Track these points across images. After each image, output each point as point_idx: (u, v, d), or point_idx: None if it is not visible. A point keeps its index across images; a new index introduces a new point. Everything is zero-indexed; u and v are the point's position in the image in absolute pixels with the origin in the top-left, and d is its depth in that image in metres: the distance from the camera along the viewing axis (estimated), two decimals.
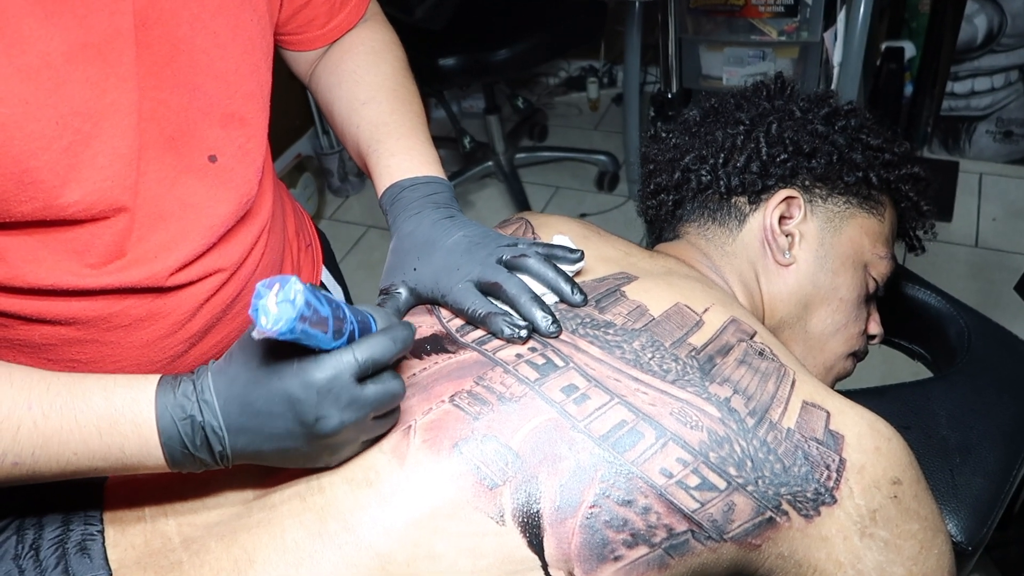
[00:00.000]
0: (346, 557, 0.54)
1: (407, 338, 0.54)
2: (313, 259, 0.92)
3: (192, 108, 0.64)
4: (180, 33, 0.62)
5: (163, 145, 0.63)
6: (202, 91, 0.65)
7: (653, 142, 0.86)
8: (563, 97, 3.01)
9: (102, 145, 0.58)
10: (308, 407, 0.50)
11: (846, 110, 0.81)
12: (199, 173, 0.66)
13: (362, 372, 0.51)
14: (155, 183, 0.63)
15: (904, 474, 0.58)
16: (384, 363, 0.53)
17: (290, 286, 0.45)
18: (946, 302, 0.96)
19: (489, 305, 0.63)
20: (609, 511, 0.54)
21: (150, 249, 0.65)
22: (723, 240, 0.78)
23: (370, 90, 0.79)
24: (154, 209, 0.64)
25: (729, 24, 1.95)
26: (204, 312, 0.71)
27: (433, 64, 2.13)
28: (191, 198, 0.66)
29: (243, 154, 0.69)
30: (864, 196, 0.78)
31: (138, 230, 0.63)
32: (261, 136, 0.72)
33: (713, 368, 0.60)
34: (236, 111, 0.68)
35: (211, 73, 0.65)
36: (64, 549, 0.56)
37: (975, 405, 0.83)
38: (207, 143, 0.66)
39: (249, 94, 0.69)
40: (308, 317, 0.46)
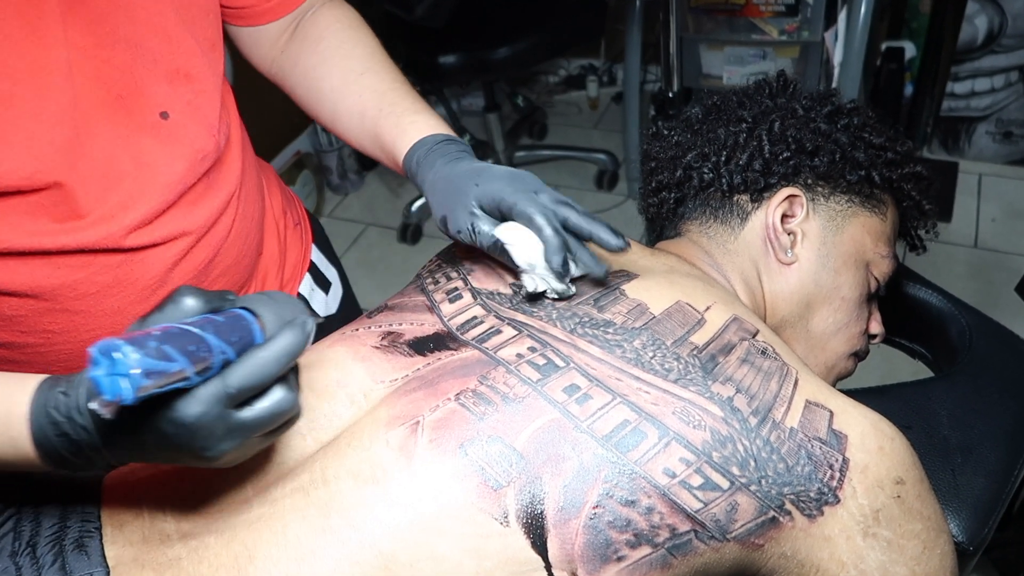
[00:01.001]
0: (349, 554, 0.53)
1: (292, 350, 0.49)
2: (302, 237, 0.91)
3: (137, 65, 0.64)
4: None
5: (112, 104, 0.62)
6: (145, 47, 0.64)
7: (655, 139, 0.86)
8: (563, 95, 3.01)
9: (25, 105, 0.57)
10: (182, 441, 0.48)
11: (849, 108, 0.81)
12: (152, 131, 0.65)
13: (237, 400, 0.48)
14: (107, 142, 0.62)
15: (907, 474, 0.58)
16: (263, 385, 0.48)
17: (122, 360, 0.40)
18: (947, 301, 0.96)
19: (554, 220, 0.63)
20: (612, 511, 0.54)
21: (107, 209, 0.64)
22: (725, 238, 0.78)
23: (364, 62, 0.79)
24: (108, 169, 0.63)
25: (730, 23, 1.95)
26: (175, 278, 0.70)
27: (433, 62, 2.13)
28: (145, 156, 0.65)
29: (193, 110, 0.69)
30: (866, 195, 0.78)
31: (92, 191, 0.62)
32: (212, 93, 0.71)
33: (715, 367, 0.60)
34: (181, 67, 0.67)
35: (151, 29, 0.65)
36: (61, 546, 0.56)
37: (976, 405, 0.82)
38: (156, 100, 0.65)
39: (190, 51, 0.68)
40: (151, 385, 0.42)
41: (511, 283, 0.68)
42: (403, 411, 0.59)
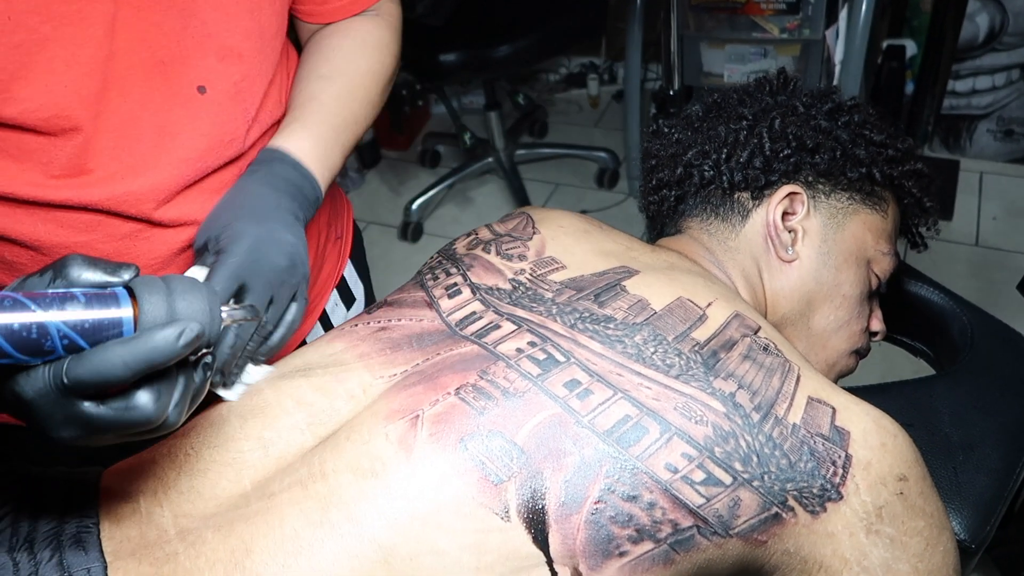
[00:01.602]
0: (348, 548, 0.53)
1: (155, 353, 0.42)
2: (340, 252, 0.90)
3: (186, 35, 0.63)
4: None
5: (153, 68, 0.62)
6: (199, 19, 0.64)
7: (655, 137, 0.86)
8: (564, 94, 3.00)
9: (60, 50, 0.57)
10: (23, 415, 0.44)
11: (849, 106, 0.81)
12: (184, 102, 0.65)
13: (79, 392, 0.42)
14: (135, 104, 0.62)
15: (910, 471, 0.58)
16: (113, 384, 0.42)
17: None
18: (949, 299, 0.96)
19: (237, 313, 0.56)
20: (614, 506, 0.54)
21: (117, 169, 0.63)
22: (726, 235, 0.77)
23: (333, 71, 0.77)
24: (128, 129, 0.62)
25: (731, 21, 1.95)
26: (179, 264, 0.69)
27: (434, 59, 2.13)
28: (171, 126, 0.64)
29: (236, 91, 0.68)
30: (867, 192, 0.78)
31: (106, 147, 0.62)
32: (259, 79, 0.70)
33: (717, 363, 0.60)
34: (234, 46, 0.66)
35: (212, 3, 0.64)
36: (59, 541, 0.56)
37: (978, 403, 0.82)
38: (198, 73, 0.65)
39: (247, 31, 0.67)
40: None
41: (510, 279, 0.68)
42: (402, 405, 0.58)
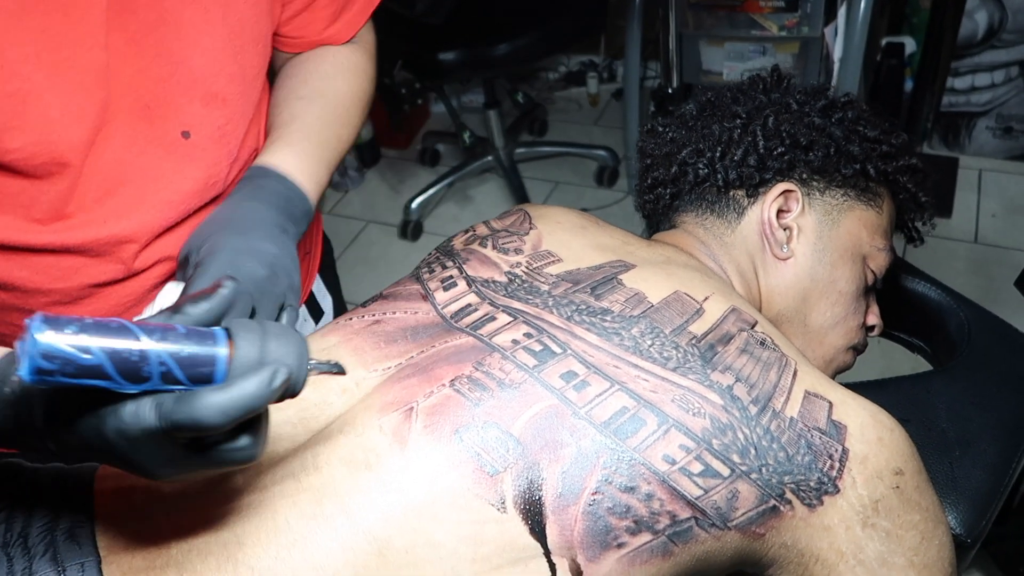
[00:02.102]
0: (342, 540, 0.53)
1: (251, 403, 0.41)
2: (308, 268, 0.90)
3: (173, 80, 0.64)
4: (168, 3, 0.62)
5: (138, 112, 0.62)
6: (186, 65, 0.64)
7: (650, 136, 0.86)
8: (563, 92, 3.00)
9: (55, 98, 0.57)
10: (121, 453, 0.44)
11: (843, 102, 0.81)
12: (169, 146, 0.65)
13: (177, 436, 0.42)
14: (121, 148, 0.62)
15: (906, 465, 0.58)
16: (201, 432, 0.42)
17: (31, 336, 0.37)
18: (946, 295, 0.96)
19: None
20: (612, 497, 0.54)
21: (100, 214, 0.63)
22: (722, 231, 0.78)
23: (312, 93, 0.77)
24: (114, 174, 0.63)
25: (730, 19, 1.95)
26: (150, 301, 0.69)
27: (433, 58, 2.13)
28: (154, 170, 0.65)
29: (220, 135, 0.68)
30: (862, 188, 0.78)
31: (91, 191, 0.62)
32: (241, 120, 0.71)
33: (715, 356, 0.60)
34: (219, 91, 0.67)
35: (197, 48, 0.64)
36: (53, 536, 0.56)
37: (975, 398, 0.83)
38: (183, 118, 0.65)
39: (232, 76, 0.68)
40: (56, 370, 0.38)
41: (506, 271, 0.68)
42: (396, 397, 0.59)
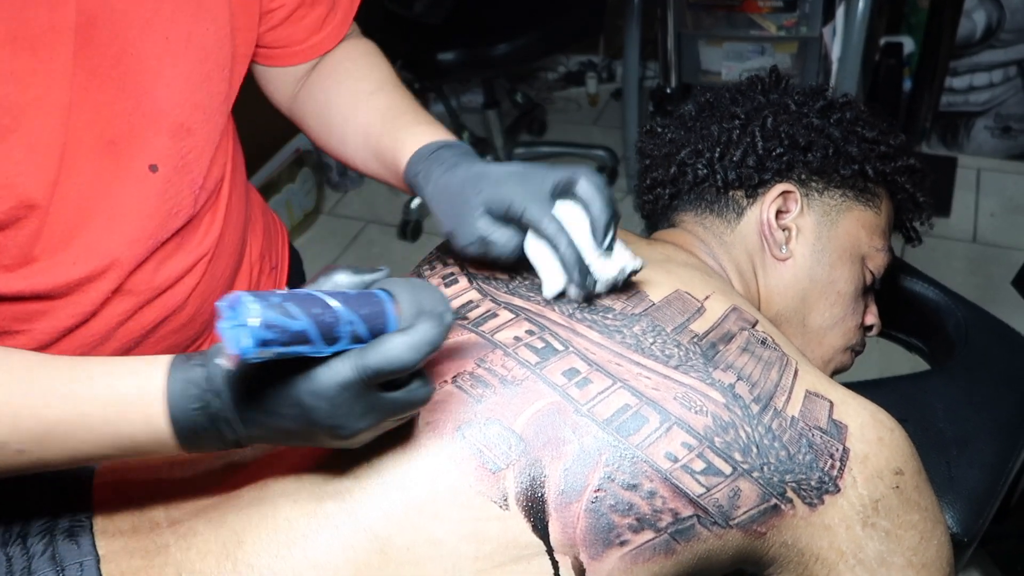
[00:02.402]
0: (342, 538, 0.53)
1: (433, 340, 0.47)
2: (275, 283, 0.89)
3: (137, 114, 0.62)
4: (130, 36, 0.60)
5: (101, 148, 0.60)
6: (151, 97, 0.62)
7: (649, 137, 0.86)
8: (562, 92, 3.00)
9: (19, 140, 0.56)
10: (320, 415, 0.47)
11: (841, 103, 0.81)
12: (136, 181, 0.63)
13: (376, 381, 0.47)
14: (86, 185, 0.60)
15: (906, 465, 0.59)
16: (405, 371, 0.47)
17: (243, 308, 0.40)
18: (944, 295, 0.96)
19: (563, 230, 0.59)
20: (614, 495, 0.54)
21: (68, 255, 0.62)
22: (721, 230, 0.78)
23: (376, 84, 0.77)
24: (80, 212, 0.61)
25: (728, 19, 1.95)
26: (119, 336, 0.68)
27: (432, 58, 2.13)
28: (121, 206, 0.63)
29: (183, 164, 0.67)
30: (860, 189, 0.78)
31: (57, 232, 0.61)
32: (207, 148, 0.69)
33: (716, 355, 0.60)
34: (185, 121, 0.65)
35: (161, 79, 0.63)
36: (52, 536, 0.56)
37: (972, 398, 0.83)
38: (150, 151, 0.64)
39: (199, 104, 0.66)
40: (273, 339, 0.41)
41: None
42: None
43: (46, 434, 0.47)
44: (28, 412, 0.47)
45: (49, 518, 0.57)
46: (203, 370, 0.49)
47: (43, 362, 0.49)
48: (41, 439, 0.47)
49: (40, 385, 0.48)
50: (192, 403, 0.48)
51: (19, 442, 0.47)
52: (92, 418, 0.48)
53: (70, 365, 0.49)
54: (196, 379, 0.48)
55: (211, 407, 0.48)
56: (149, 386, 0.49)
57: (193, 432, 0.49)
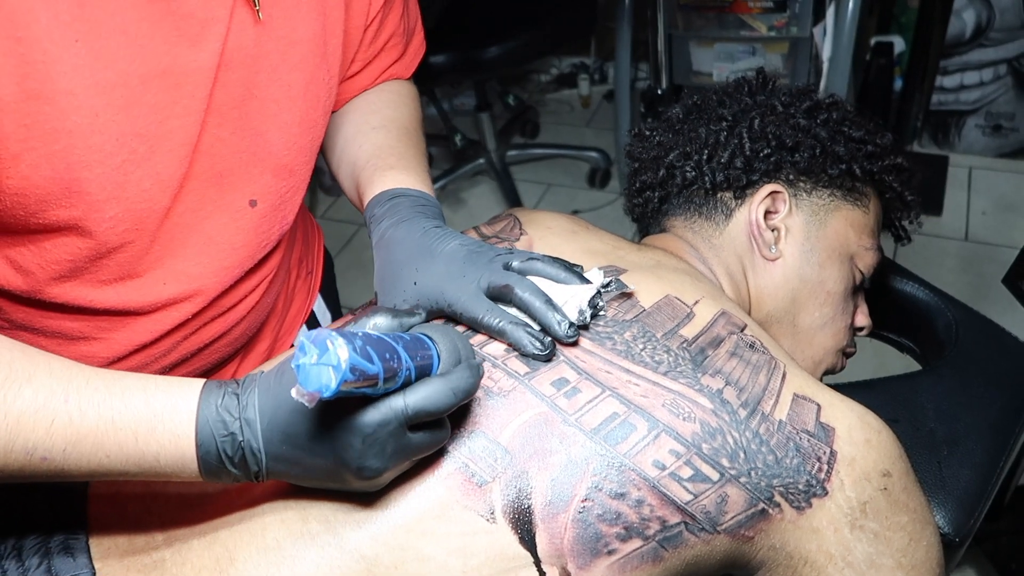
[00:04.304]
0: (329, 559, 0.53)
1: (469, 388, 0.50)
2: (309, 288, 0.90)
3: (248, 152, 0.64)
4: (258, 80, 0.63)
5: (211, 179, 0.63)
6: (264, 138, 0.65)
7: (637, 140, 0.86)
8: (554, 94, 3.00)
9: (150, 169, 0.58)
10: (351, 454, 0.48)
11: (827, 103, 0.81)
12: (236, 214, 0.66)
13: (412, 422, 0.48)
14: (189, 212, 0.63)
15: (894, 466, 0.59)
16: (438, 415, 0.50)
17: (333, 351, 0.41)
18: (934, 295, 0.96)
19: (505, 314, 0.60)
20: (602, 504, 0.54)
21: (160, 275, 0.64)
22: (710, 233, 0.78)
23: (384, 120, 0.79)
24: (180, 239, 0.64)
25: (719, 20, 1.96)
26: (180, 349, 0.70)
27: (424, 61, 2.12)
28: (218, 236, 0.66)
29: (282, 203, 0.70)
30: (848, 188, 0.78)
31: (155, 253, 0.63)
32: (301, 188, 0.72)
33: (705, 360, 0.60)
34: (289, 163, 0.68)
35: (276, 122, 0.66)
36: (47, 548, 0.56)
37: (962, 398, 0.83)
38: (253, 187, 0.66)
39: (303, 147, 0.69)
40: (353, 381, 0.42)
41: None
42: None
43: (75, 444, 0.48)
44: (63, 419, 0.47)
45: (45, 530, 0.57)
46: (235, 398, 0.50)
47: (82, 371, 0.49)
48: (68, 448, 0.48)
49: (78, 394, 0.48)
50: (221, 429, 0.49)
51: (47, 449, 0.47)
52: (122, 433, 0.48)
53: (108, 378, 0.50)
54: (229, 406, 0.49)
55: (238, 436, 0.49)
56: (182, 406, 0.49)
57: (217, 459, 0.49)
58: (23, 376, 0.47)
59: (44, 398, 0.47)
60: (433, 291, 0.62)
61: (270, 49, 0.63)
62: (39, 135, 0.52)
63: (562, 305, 0.60)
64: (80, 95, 0.53)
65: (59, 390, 0.48)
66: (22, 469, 0.48)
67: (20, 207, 0.55)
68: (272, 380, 0.50)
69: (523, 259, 0.62)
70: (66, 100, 0.52)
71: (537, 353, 0.59)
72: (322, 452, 0.49)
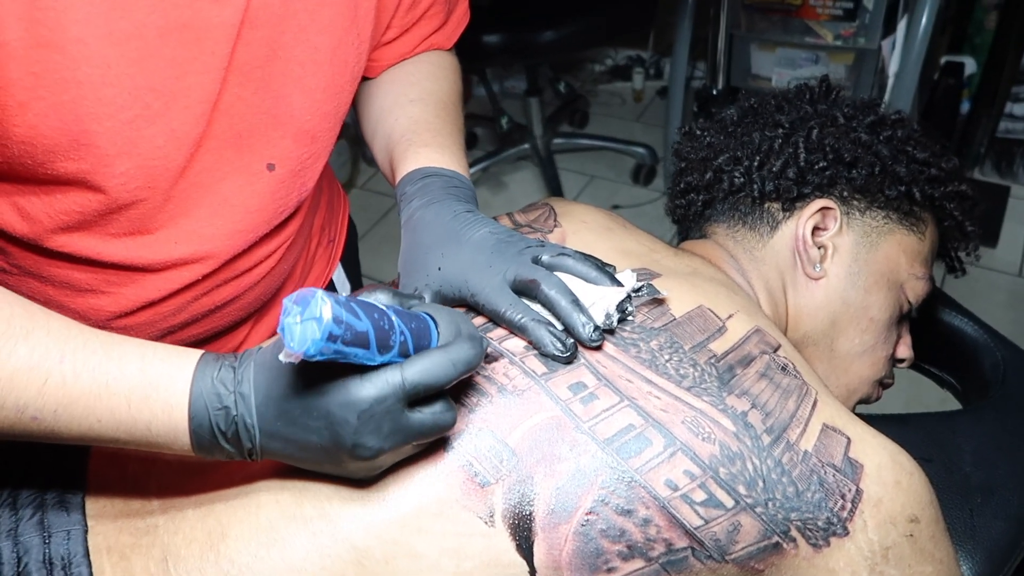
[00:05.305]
0: (320, 546, 0.52)
1: (471, 360, 0.48)
2: (330, 256, 0.89)
3: (269, 114, 0.63)
4: (283, 40, 0.61)
5: (229, 140, 0.62)
6: (286, 101, 0.63)
7: (687, 139, 0.83)
8: (607, 85, 2.96)
9: (164, 125, 0.57)
10: (346, 430, 0.46)
11: (893, 119, 0.77)
12: (252, 176, 0.64)
13: (411, 397, 0.46)
14: (205, 173, 0.62)
15: (923, 512, 0.56)
16: (439, 388, 0.47)
17: (315, 303, 0.40)
18: (983, 332, 0.92)
19: (529, 310, 0.57)
20: (607, 519, 0.52)
21: (172, 233, 0.63)
22: (752, 244, 0.75)
23: (422, 93, 0.77)
24: (194, 199, 0.62)
25: (784, 24, 1.90)
26: (191, 309, 0.69)
27: (476, 39, 2.10)
28: (233, 198, 0.64)
29: (302, 170, 0.68)
30: (905, 212, 0.74)
31: (168, 212, 0.62)
32: (323, 156, 0.70)
33: (732, 378, 0.57)
34: (311, 128, 0.67)
35: (300, 86, 0.64)
36: (42, 500, 0.55)
37: (1003, 443, 0.79)
38: (272, 151, 0.65)
39: (327, 113, 0.67)
40: (340, 335, 0.41)
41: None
42: None
43: (67, 406, 0.47)
44: (57, 380, 0.46)
45: (42, 482, 0.57)
46: (231, 371, 0.48)
47: (81, 333, 0.49)
48: (59, 410, 0.47)
49: (73, 356, 0.47)
50: (215, 402, 0.48)
51: (38, 409, 0.47)
52: (115, 398, 0.48)
53: (106, 341, 0.49)
54: (225, 379, 0.48)
55: (232, 411, 0.48)
56: (177, 376, 0.48)
57: (210, 432, 0.48)
58: (20, 333, 0.46)
59: (39, 356, 0.46)
60: (457, 279, 0.60)
61: (298, 8, 0.61)
62: (47, 84, 0.51)
63: (589, 306, 0.57)
64: (92, 44, 0.51)
65: (55, 350, 0.47)
66: (12, 427, 0.47)
67: (27, 156, 0.54)
68: (268, 354, 0.48)
69: (553, 254, 0.60)
70: (77, 49, 0.51)
71: (557, 354, 0.56)
72: (317, 429, 0.47)
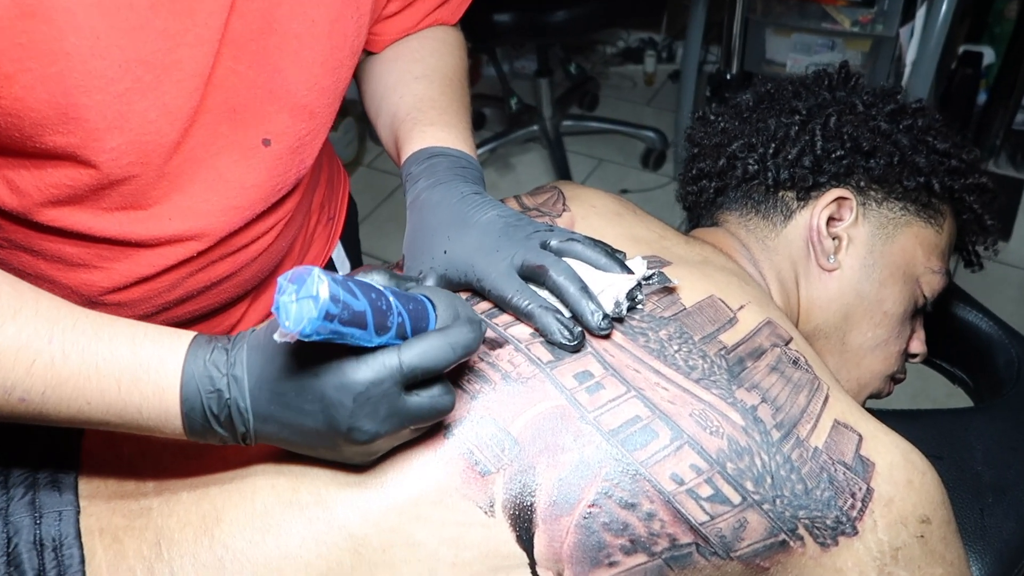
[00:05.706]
0: (316, 533, 0.51)
1: (470, 343, 0.47)
2: (329, 234, 0.88)
3: (265, 88, 0.61)
4: (279, 12, 0.60)
5: (223, 114, 0.60)
6: (282, 75, 0.62)
7: (700, 124, 0.81)
8: (618, 68, 2.93)
9: (156, 99, 0.55)
10: (342, 413, 0.45)
11: (913, 108, 0.75)
12: (247, 152, 0.63)
13: (408, 380, 0.45)
14: (199, 148, 0.60)
15: (935, 513, 0.54)
16: (437, 372, 0.46)
17: (311, 281, 0.39)
18: (998, 328, 0.90)
19: (536, 296, 0.56)
20: (609, 512, 0.51)
21: (166, 209, 0.62)
22: (765, 233, 0.73)
23: (427, 70, 0.75)
24: (188, 173, 0.61)
25: (801, 9, 1.87)
26: (186, 285, 0.68)
27: (487, 18, 2.07)
28: (228, 173, 0.63)
29: (300, 146, 0.67)
30: (923, 203, 0.72)
31: (161, 187, 0.61)
32: (321, 133, 0.69)
33: (743, 371, 0.56)
34: (309, 104, 0.65)
35: (297, 60, 0.62)
36: (35, 480, 0.55)
37: (1016, 443, 0.77)
38: (267, 126, 0.63)
39: (325, 89, 0.66)
40: (336, 315, 0.40)
41: None
42: None
43: (55, 387, 0.46)
44: (45, 360, 0.46)
45: (35, 462, 0.56)
46: (223, 353, 0.47)
47: (71, 313, 0.48)
48: (48, 391, 0.46)
49: (62, 336, 0.46)
50: (207, 385, 0.47)
51: (26, 390, 0.46)
52: (105, 380, 0.47)
53: (96, 322, 0.48)
54: (217, 362, 0.47)
55: (224, 394, 0.46)
56: (169, 358, 0.47)
57: (203, 416, 0.47)
58: (8, 312, 0.45)
59: (27, 336, 0.45)
60: (463, 263, 0.59)
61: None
62: (34, 55, 0.49)
63: (598, 294, 0.56)
64: (80, 15, 0.49)
65: (44, 330, 0.46)
66: (0, 409, 0.46)
67: (15, 129, 0.52)
68: (262, 336, 0.47)
69: (562, 239, 0.58)
70: (64, 19, 0.49)
71: (565, 342, 0.54)
72: (311, 412, 0.46)
